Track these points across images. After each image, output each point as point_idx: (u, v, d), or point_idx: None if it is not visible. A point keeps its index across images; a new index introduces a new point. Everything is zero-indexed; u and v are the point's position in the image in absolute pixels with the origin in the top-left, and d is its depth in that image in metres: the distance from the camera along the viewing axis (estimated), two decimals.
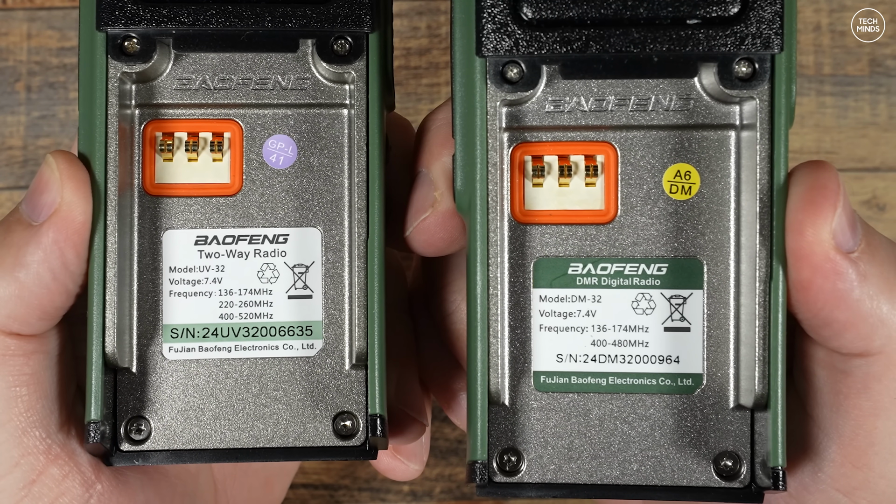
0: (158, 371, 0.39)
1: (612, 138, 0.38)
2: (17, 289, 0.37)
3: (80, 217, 0.37)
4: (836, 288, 0.36)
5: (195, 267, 0.39)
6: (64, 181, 0.37)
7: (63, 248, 0.37)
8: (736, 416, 0.38)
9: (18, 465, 0.38)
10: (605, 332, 0.38)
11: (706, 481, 0.38)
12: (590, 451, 0.38)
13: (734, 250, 0.38)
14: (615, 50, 0.37)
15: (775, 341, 0.37)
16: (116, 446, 0.39)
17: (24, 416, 0.38)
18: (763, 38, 0.37)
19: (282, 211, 0.40)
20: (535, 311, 0.39)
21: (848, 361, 0.37)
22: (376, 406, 0.38)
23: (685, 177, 0.38)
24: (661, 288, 0.38)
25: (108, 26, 0.38)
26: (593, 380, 0.38)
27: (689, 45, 0.37)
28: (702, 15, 0.37)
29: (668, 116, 0.38)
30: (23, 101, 0.79)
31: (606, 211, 0.38)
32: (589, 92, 0.38)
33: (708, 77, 0.37)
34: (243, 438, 0.39)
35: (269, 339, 0.39)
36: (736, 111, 0.38)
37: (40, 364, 0.39)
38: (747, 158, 0.37)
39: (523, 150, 0.38)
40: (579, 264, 0.38)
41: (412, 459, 0.44)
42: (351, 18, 0.39)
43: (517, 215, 0.38)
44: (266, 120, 0.40)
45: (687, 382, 0.38)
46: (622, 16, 0.37)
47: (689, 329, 0.38)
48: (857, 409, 0.37)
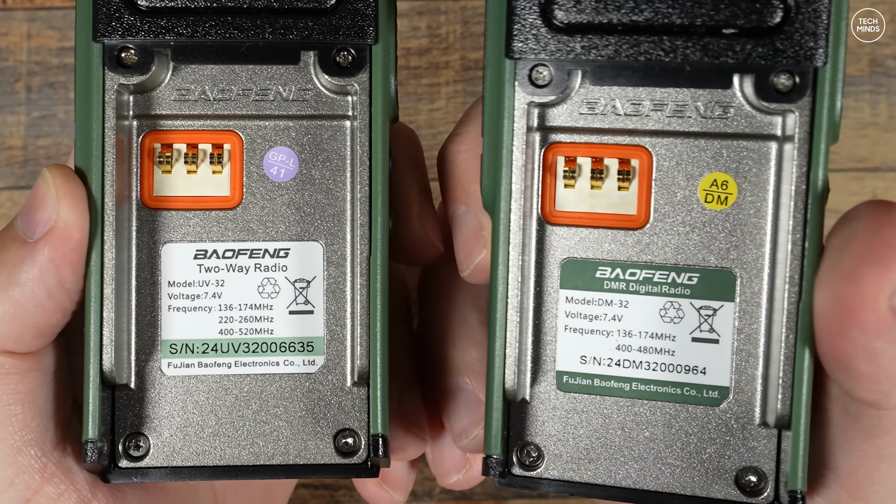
0: (157, 387, 0.39)
1: (648, 143, 0.38)
2: (12, 307, 0.37)
3: (77, 234, 0.37)
4: (872, 346, 0.34)
5: (194, 281, 0.39)
6: (60, 197, 0.37)
7: (59, 266, 0.37)
8: (762, 433, 0.38)
9: (13, 484, 0.38)
10: (631, 337, 0.38)
11: (726, 495, 0.38)
12: (609, 453, 0.38)
13: (769, 265, 0.37)
14: (645, 57, 0.37)
15: (801, 364, 0.36)
16: (114, 463, 0.39)
17: (19, 434, 0.38)
18: (806, 50, 0.35)
19: (283, 224, 0.39)
20: (562, 311, 0.38)
21: (859, 408, 0.36)
22: (378, 426, 0.38)
23: (722, 186, 0.37)
24: (692, 298, 0.38)
25: (105, 37, 0.38)
26: (616, 384, 0.38)
27: (724, 56, 0.36)
28: (740, 25, 0.36)
29: (707, 124, 0.37)
30: (23, 101, 0.79)
31: (638, 216, 0.38)
32: (625, 95, 0.37)
33: (748, 86, 0.37)
34: (243, 455, 0.39)
35: (269, 354, 0.39)
36: (778, 122, 0.37)
37: (35, 382, 0.38)
38: (788, 171, 0.36)
39: (556, 151, 0.38)
40: (608, 268, 0.38)
41: (397, 490, 0.44)
42: (354, 30, 0.38)
43: (547, 215, 0.38)
44: (267, 131, 0.39)
45: (713, 394, 0.38)
46: (655, 22, 0.36)
47: (717, 341, 0.38)
48: (862, 451, 0.36)
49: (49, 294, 0.37)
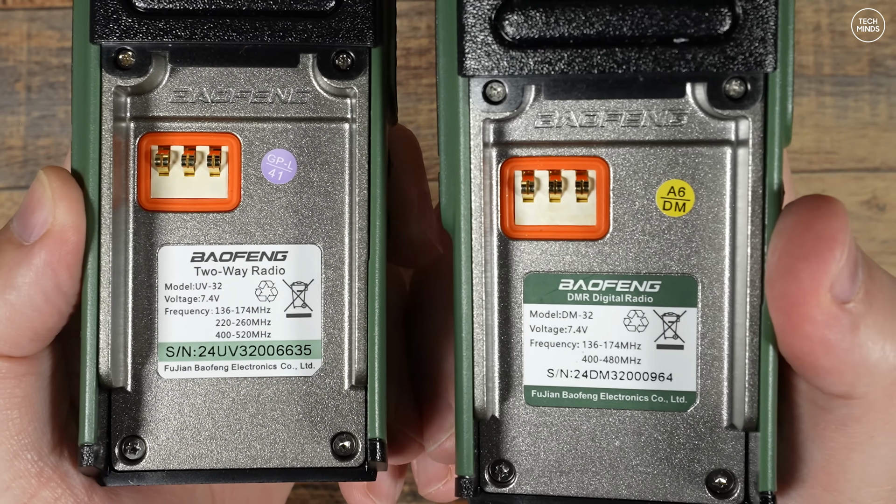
0: (154, 390, 0.39)
1: (604, 153, 0.38)
2: (8, 311, 0.37)
3: (74, 237, 0.37)
4: (826, 337, 0.34)
5: (192, 284, 0.39)
6: (56, 200, 0.37)
7: (56, 269, 0.37)
8: (730, 435, 0.38)
9: (10, 488, 0.38)
10: (597, 348, 0.38)
11: (698, 498, 0.38)
12: (581, 464, 0.38)
13: (729, 269, 0.38)
14: (598, 70, 0.37)
15: (765, 366, 0.36)
16: (111, 466, 0.38)
17: (16, 439, 0.38)
18: (756, 57, 0.36)
19: (281, 227, 0.39)
20: (526, 326, 0.38)
21: (828, 400, 0.36)
22: (376, 430, 0.38)
23: (679, 193, 0.38)
24: (654, 305, 0.38)
25: (102, 39, 0.38)
26: (584, 395, 0.38)
27: (676, 65, 0.36)
28: (690, 34, 0.36)
29: (661, 132, 0.38)
30: (23, 101, 0.79)
31: (598, 227, 0.38)
32: (579, 107, 0.38)
33: (700, 93, 0.37)
34: (240, 459, 0.39)
35: (266, 358, 0.39)
36: (731, 127, 0.37)
37: (32, 386, 0.38)
38: (743, 176, 0.37)
39: (513, 166, 0.38)
40: (570, 280, 0.38)
41: (383, 500, 0.44)
42: (353, 33, 0.38)
43: (507, 231, 0.38)
44: (265, 134, 0.39)
45: (680, 400, 0.38)
46: (606, 35, 0.37)
47: (682, 347, 0.38)
48: (833, 442, 0.37)
49: (46, 297, 0.37)
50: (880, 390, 0.35)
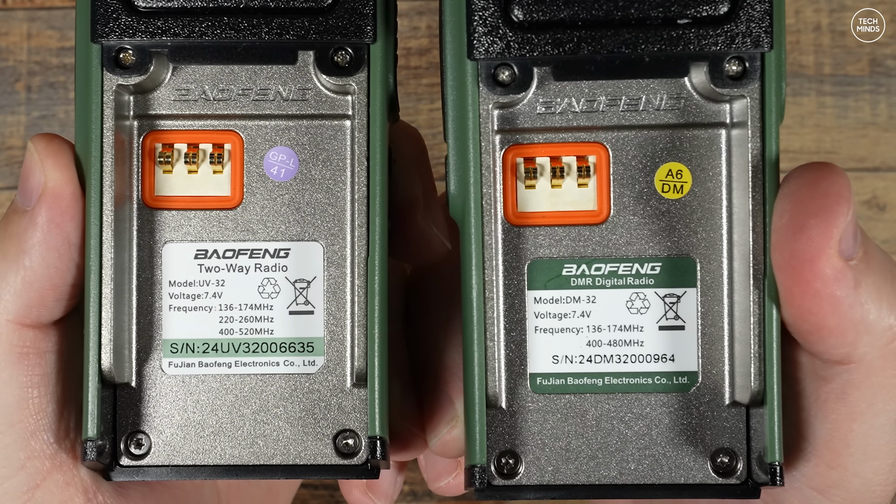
0: (158, 386, 0.39)
1: (604, 139, 0.38)
2: (27, 275, 0.37)
3: (69, 189, 0.38)
4: (834, 294, 0.35)
5: (195, 281, 0.39)
6: (44, 160, 0.38)
7: (60, 223, 0.37)
8: (732, 413, 0.38)
9: (24, 468, 0.38)
10: (601, 332, 0.38)
11: (703, 478, 0.38)
12: (587, 451, 0.38)
13: (727, 248, 0.38)
14: (607, 51, 0.37)
15: (770, 337, 0.37)
16: (116, 461, 0.39)
17: (34, 418, 0.38)
18: (753, 37, 0.37)
19: (283, 224, 0.39)
20: (531, 313, 0.39)
21: (829, 368, 0.37)
22: (377, 428, 0.38)
23: (677, 175, 0.38)
24: (655, 287, 0.38)
25: (103, 38, 0.38)
26: (589, 380, 0.38)
27: (681, 45, 0.37)
28: (692, 14, 0.37)
29: (659, 116, 0.38)
30: (23, 101, 0.79)
31: (599, 211, 0.39)
32: (580, 93, 0.38)
33: (698, 76, 0.38)
34: (244, 455, 0.39)
35: (269, 355, 0.39)
36: (726, 109, 0.38)
37: (52, 366, 0.38)
38: (738, 156, 0.38)
39: (515, 152, 0.38)
40: (573, 265, 0.39)
41: (382, 499, 0.44)
42: (352, 29, 0.38)
43: (510, 217, 0.38)
44: (267, 131, 0.39)
45: (682, 380, 0.38)
46: (613, 17, 0.37)
47: (683, 327, 0.38)
48: (835, 413, 0.37)
49: (59, 253, 0.38)
50: (877, 351, 0.36)
